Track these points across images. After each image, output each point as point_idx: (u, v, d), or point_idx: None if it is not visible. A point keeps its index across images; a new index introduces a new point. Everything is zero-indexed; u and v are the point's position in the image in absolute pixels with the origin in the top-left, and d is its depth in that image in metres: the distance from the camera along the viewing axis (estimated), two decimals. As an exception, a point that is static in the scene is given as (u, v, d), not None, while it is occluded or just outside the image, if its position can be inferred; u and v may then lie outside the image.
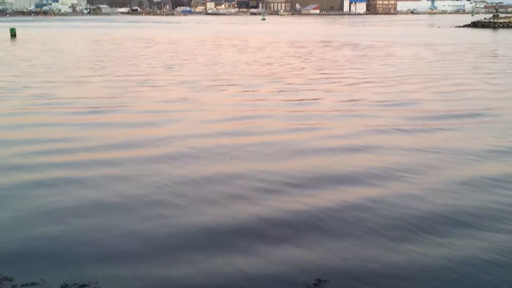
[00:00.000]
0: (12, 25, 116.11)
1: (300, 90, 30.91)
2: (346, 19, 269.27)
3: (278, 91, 30.38)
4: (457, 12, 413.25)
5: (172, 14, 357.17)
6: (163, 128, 20.83)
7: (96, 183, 14.35)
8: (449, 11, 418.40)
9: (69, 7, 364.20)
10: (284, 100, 27.15)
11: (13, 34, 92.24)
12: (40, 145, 18.34)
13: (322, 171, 15.29)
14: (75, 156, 16.86)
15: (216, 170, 15.43)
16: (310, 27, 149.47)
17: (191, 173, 15.17)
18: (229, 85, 32.87)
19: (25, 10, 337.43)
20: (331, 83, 34.02)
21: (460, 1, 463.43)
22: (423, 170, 15.41)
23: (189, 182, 14.37)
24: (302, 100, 27.52)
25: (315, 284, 9.26)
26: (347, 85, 33.11)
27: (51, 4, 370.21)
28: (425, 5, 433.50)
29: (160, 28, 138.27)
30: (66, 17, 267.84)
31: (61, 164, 16.07)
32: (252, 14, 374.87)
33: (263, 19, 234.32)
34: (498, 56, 53.87)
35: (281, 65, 44.59)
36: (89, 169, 15.59)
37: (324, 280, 9.40)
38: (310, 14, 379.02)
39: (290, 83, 33.50)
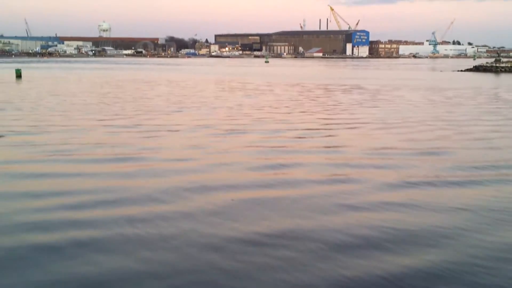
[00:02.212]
0: (18, 66, 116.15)
1: (322, 136, 29.53)
2: (349, 62, 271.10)
3: (299, 137, 28.88)
4: (459, 56, 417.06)
5: (177, 57, 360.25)
6: (190, 178, 19.26)
7: (121, 247, 12.78)
8: (451, 55, 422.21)
9: (75, 48, 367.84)
10: (310, 148, 25.66)
11: (18, 75, 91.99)
12: (57, 198, 16.66)
13: (363, 233, 13.67)
14: (95, 213, 15.23)
15: (253, 229, 13.91)
16: (315, 70, 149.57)
17: (228, 233, 13.65)
18: (245, 130, 31.42)
19: (30, 51, 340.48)
20: (350, 128, 32.68)
21: (462, 46, 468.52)
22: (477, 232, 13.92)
23: (229, 244, 12.84)
24: (328, 147, 26.05)
25: None
26: (370, 130, 31.84)
27: (56, 45, 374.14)
28: (427, 49, 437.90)
29: (166, 71, 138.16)
30: (71, 59, 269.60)
31: (79, 222, 14.41)
32: (255, 56, 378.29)
33: (267, 62, 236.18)
34: (506, 101, 52.82)
35: (294, 109, 43.34)
36: (110, 228, 14.07)
37: None
38: (313, 57, 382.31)
39: (308, 128, 32.11)
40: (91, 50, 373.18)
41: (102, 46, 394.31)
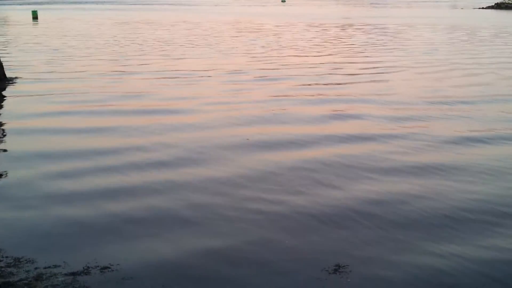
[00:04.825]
0: (34, 7, 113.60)
1: (368, 81, 28.07)
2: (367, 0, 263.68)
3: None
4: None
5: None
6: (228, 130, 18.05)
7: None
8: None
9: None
10: (362, 95, 24.11)
11: (34, 16, 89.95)
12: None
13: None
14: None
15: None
16: (337, 10, 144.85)
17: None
18: (280, 78, 29.25)
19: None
20: (398, 71, 31.25)
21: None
22: None
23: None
24: (384, 93, 24.48)
25: None
26: (420, 73, 30.56)
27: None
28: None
29: (182, 11, 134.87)
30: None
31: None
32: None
33: (283, 1, 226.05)
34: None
35: (329, 52, 41.73)
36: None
37: None
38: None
39: (352, 73, 30.61)
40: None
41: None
